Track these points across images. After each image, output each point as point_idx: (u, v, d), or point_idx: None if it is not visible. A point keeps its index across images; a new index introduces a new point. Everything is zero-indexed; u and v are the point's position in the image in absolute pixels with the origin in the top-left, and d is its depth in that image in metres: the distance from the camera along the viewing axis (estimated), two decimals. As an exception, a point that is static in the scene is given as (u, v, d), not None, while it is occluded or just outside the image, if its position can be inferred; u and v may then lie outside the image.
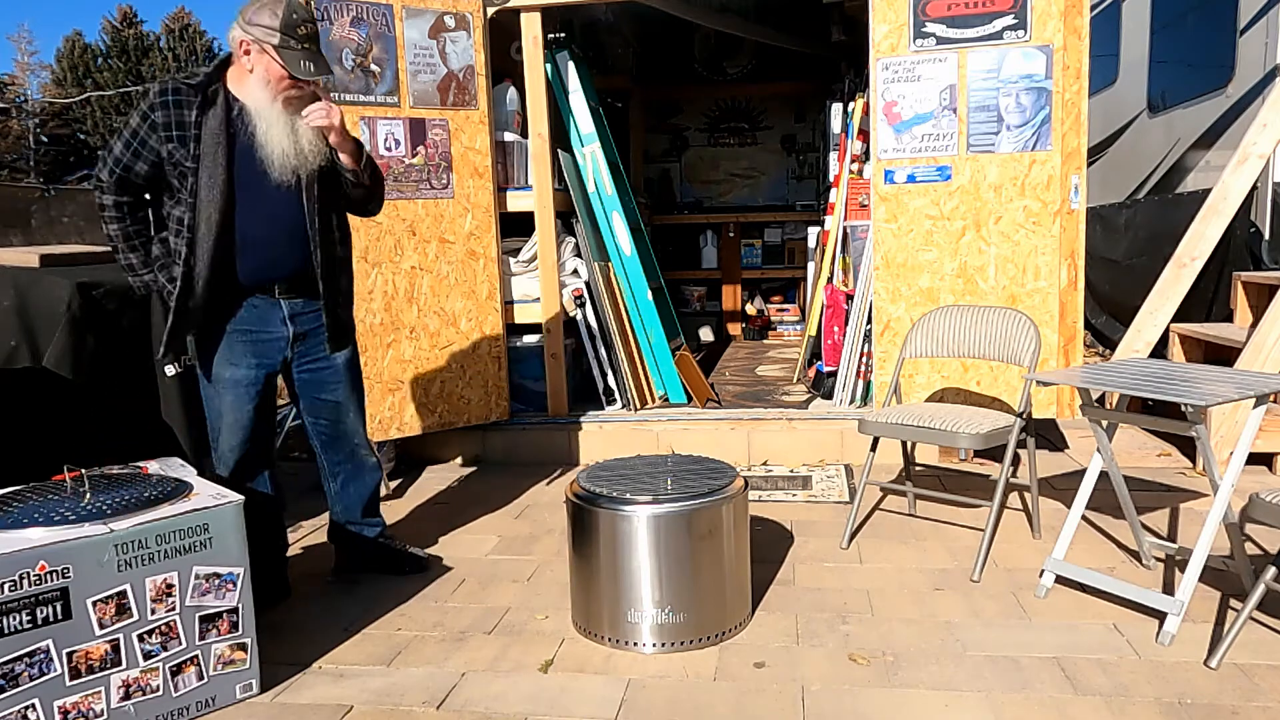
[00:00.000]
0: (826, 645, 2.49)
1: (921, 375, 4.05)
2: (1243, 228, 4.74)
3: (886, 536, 3.31)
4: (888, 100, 3.96)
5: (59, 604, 2.00)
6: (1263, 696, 2.15)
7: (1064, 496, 3.54)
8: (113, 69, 29.30)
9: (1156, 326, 4.60)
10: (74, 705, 2.04)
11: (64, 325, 2.76)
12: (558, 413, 4.57)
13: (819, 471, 4.13)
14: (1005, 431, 3.00)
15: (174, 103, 2.51)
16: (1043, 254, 3.90)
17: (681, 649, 2.47)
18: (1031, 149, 3.87)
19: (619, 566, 2.48)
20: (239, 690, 2.29)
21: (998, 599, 2.74)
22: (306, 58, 2.51)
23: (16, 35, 46.92)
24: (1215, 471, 2.53)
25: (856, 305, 4.42)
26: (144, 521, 2.12)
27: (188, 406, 3.06)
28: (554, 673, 2.40)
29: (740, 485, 2.59)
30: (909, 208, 3.99)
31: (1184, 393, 2.40)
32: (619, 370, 4.62)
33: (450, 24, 4.18)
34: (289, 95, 2.55)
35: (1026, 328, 3.19)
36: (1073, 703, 2.15)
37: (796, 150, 7.83)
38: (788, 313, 7.62)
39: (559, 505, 3.61)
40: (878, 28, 3.94)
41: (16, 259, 3.06)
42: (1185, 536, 3.19)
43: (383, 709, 2.24)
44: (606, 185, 4.82)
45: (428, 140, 4.14)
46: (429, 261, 4.16)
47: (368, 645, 2.58)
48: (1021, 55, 3.83)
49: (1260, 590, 2.29)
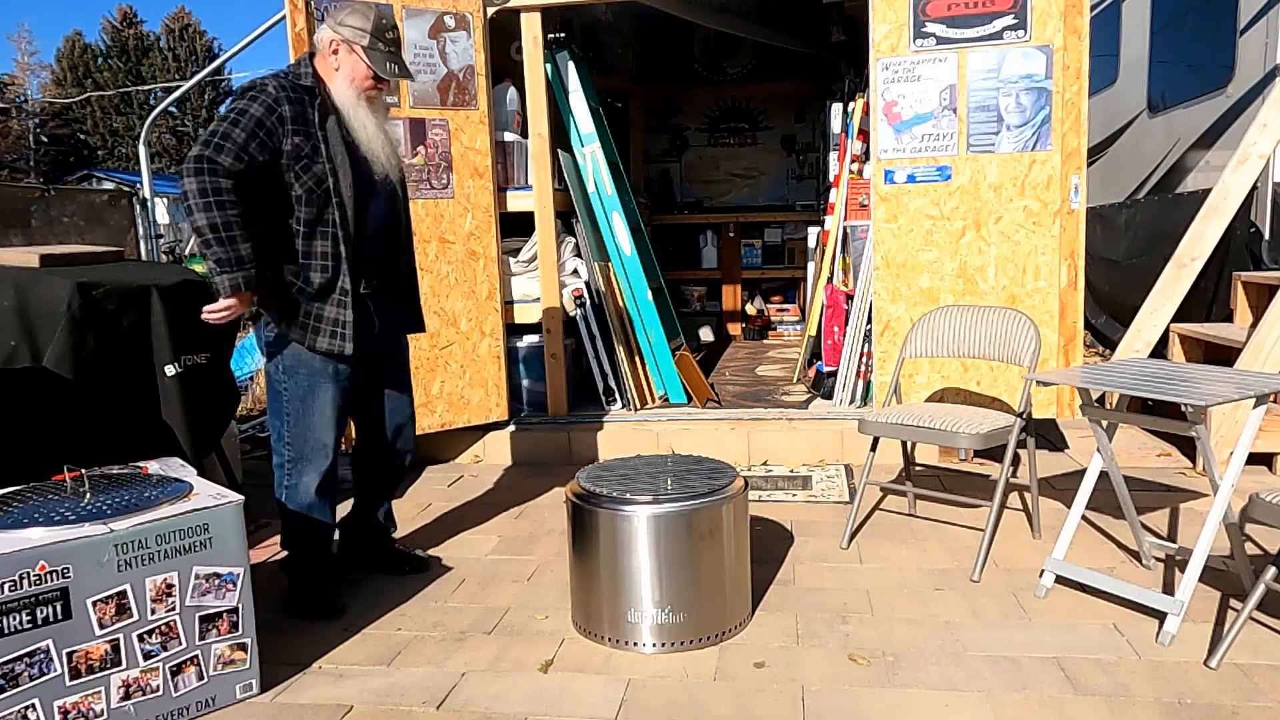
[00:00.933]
0: (826, 645, 2.49)
1: (921, 375, 4.05)
2: (1243, 228, 4.74)
3: (886, 536, 3.31)
4: (888, 100, 3.96)
5: (59, 604, 2.00)
6: (1263, 696, 2.15)
7: (1064, 496, 3.54)
8: (113, 69, 29.31)
9: (1156, 326, 4.60)
10: (74, 705, 2.04)
11: (64, 325, 2.76)
12: (558, 413, 4.57)
13: (819, 471, 4.13)
14: (1005, 431, 3.00)
15: (296, 99, 2.58)
16: (1043, 254, 3.90)
17: (681, 649, 2.47)
18: (1031, 149, 3.87)
19: (619, 566, 2.48)
20: (239, 690, 2.29)
21: (998, 599, 2.74)
22: (391, 60, 2.67)
23: (16, 35, 47.00)
24: (1215, 471, 2.53)
25: (856, 305, 4.42)
26: (144, 521, 2.12)
27: (188, 406, 3.06)
28: (554, 673, 2.40)
29: (740, 485, 2.59)
30: (909, 208, 3.99)
31: (1184, 393, 2.40)
32: (619, 370, 4.62)
33: (450, 24, 4.18)
34: (370, 94, 2.69)
35: (1026, 328, 3.19)
36: (1073, 703, 2.15)
37: (796, 150, 7.83)
38: (788, 313, 7.62)
39: (559, 505, 3.61)
40: (878, 28, 3.93)
41: (16, 259, 3.06)
42: (1185, 536, 3.19)
43: (383, 709, 2.24)
44: (606, 185, 4.82)
45: (428, 140, 4.14)
46: (429, 261, 4.15)
47: (368, 645, 2.58)
48: (1021, 55, 3.83)
49: (1260, 590, 2.29)
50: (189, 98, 28.43)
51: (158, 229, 5.75)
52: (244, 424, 5.25)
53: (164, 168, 27.32)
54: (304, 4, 3.86)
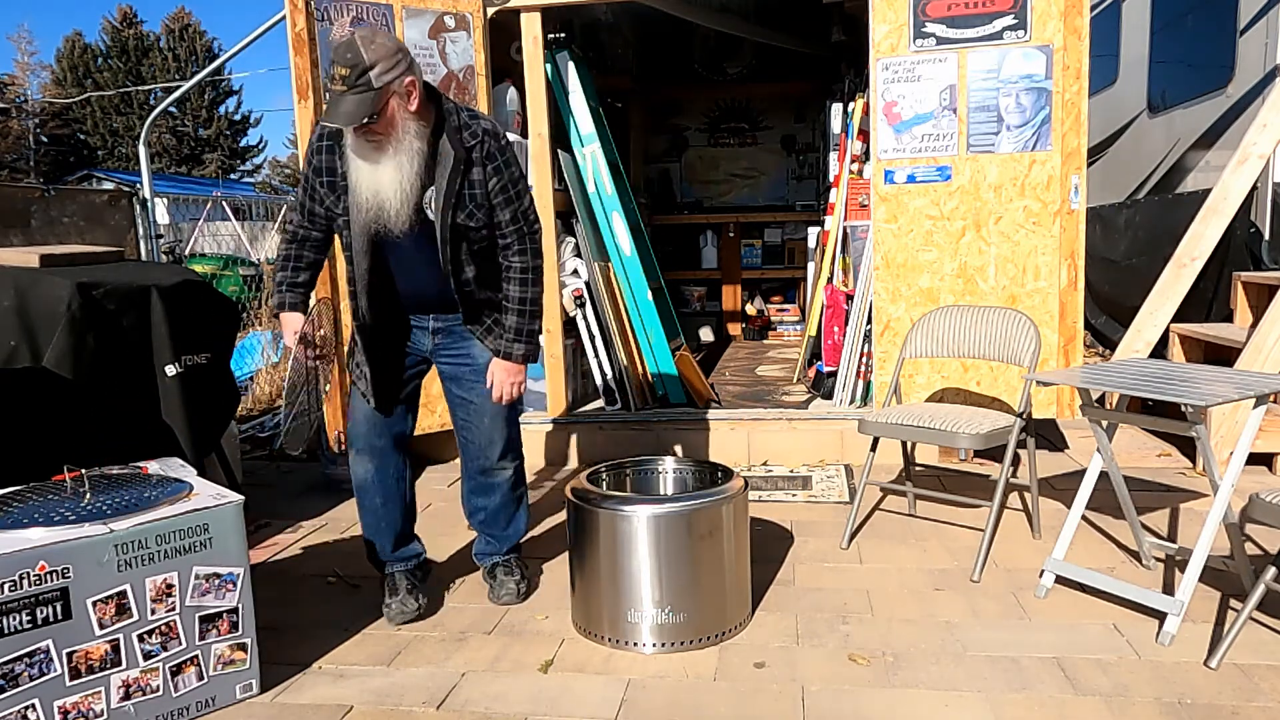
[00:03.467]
0: (826, 645, 2.49)
1: (921, 375, 4.05)
2: (1243, 228, 4.74)
3: (886, 536, 3.31)
4: (888, 100, 3.96)
5: (59, 604, 2.00)
6: (1263, 696, 2.15)
7: (1064, 496, 3.54)
8: (113, 69, 29.30)
9: (1156, 326, 4.60)
10: (74, 705, 2.04)
11: (64, 325, 2.76)
12: (557, 413, 4.57)
13: (819, 471, 4.13)
14: (1005, 431, 3.00)
15: (328, 147, 2.54)
16: (1043, 254, 3.90)
17: (681, 649, 2.47)
18: (1031, 149, 3.87)
19: (619, 566, 2.48)
20: (239, 690, 2.29)
21: (998, 599, 2.74)
22: (330, 102, 2.36)
23: (16, 35, 46.94)
24: (1215, 471, 2.53)
25: (856, 305, 4.42)
26: (144, 521, 2.12)
27: (188, 407, 3.06)
28: (554, 673, 2.40)
29: (740, 485, 2.59)
30: (909, 208, 3.99)
31: (1184, 393, 2.40)
32: (619, 370, 4.62)
33: (450, 24, 4.18)
34: (356, 139, 2.41)
35: (1026, 328, 3.19)
36: (1073, 703, 2.15)
37: (796, 150, 7.82)
38: (788, 313, 7.62)
39: (559, 505, 3.61)
40: (878, 28, 3.93)
41: (16, 259, 3.06)
42: (1185, 536, 3.19)
43: (383, 709, 2.24)
44: (606, 185, 4.82)
45: (428, 140, 4.14)
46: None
47: (368, 645, 2.58)
48: (1021, 55, 3.83)
49: (1260, 590, 2.29)
50: (189, 98, 28.44)
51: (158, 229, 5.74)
52: (244, 424, 5.25)
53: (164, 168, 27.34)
54: (304, 4, 3.86)
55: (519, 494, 2.96)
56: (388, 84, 2.32)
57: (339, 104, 2.31)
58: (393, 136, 2.39)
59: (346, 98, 2.30)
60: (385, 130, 2.37)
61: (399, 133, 2.39)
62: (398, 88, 2.34)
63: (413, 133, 2.41)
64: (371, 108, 2.31)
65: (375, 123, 2.34)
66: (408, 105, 2.38)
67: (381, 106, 2.33)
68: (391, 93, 2.33)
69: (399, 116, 2.38)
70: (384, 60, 2.31)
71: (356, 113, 2.31)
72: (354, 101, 2.30)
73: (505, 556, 2.93)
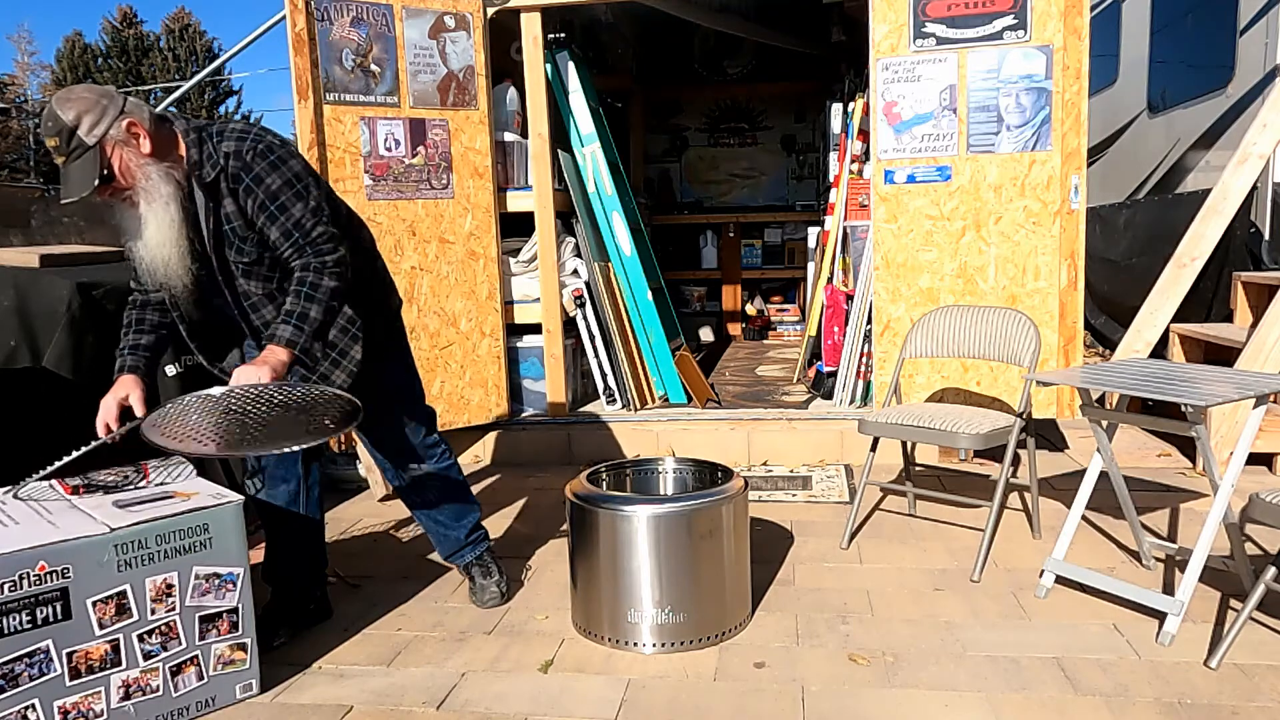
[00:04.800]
0: (826, 645, 2.49)
1: (921, 375, 4.05)
2: (1243, 228, 4.74)
3: (886, 536, 3.31)
4: (888, 100, 3.96)
5: (59, 604, 2.00)
6: (1263, 696, 2.15)
7: (1064, 496, 3.54)
8: (113, 69, 29.29)
9: (1156, 327, 4.59)
10: (74, 705, 2.04)
11: (64, 325, 2.76)
12: (558, 413, 4.57)
13: (819, 471, 4.13)
14: (1005, 431, 3.00)
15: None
16: (1043, 254, 3.90)
17: (681, 649, 2.47)
18: (1031, 149, 3.87)
19: (619, 566, 2.48)
20: (239, 690, 2.29)
21: (998, 599, 2.74)
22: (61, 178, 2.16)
23: (16, 35, 46.90)
24: (1215, 471, 2.53)
25: (856, 305, 4.42)
26: (144, 521, 2.12)
27: (188, 406, 3.05)
28: (554, 673, 2.40)
29: (740, 485, 2.59)
30: (909, 208, 3.99)
31: (1184, 393, 2.40)
32: (619, 370, 4.62)
33: (450, 24, 4.18)
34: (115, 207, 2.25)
35: (1026, 328, 3.19)
36: (1073, 703, 2.15)
37: (796, 150, 7.83)
38: (788, 313, 7.62)
39: (559, 505, 3.61)
40: (878, 28, 3.94)
41: (16, 259, 3.06)
42: (1185, 536, 3.19)
43: (383, 709, 2.24)
44: (606, 185, 4.82)
45: (428, 140, 4.14)
46: (429, 262, 4.16)
47: (368, 645, 2.58)
48: (1021, 55, 3.83)
49: (1260, 590, 2.29)
50: (189, 98, 28.41)
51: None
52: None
53: (164, 168, 27.27)
54: (304, 4, 3.86)
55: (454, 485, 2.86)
56: (103, 136, 2.10)
57: (66, 176, 2.11)
58: (139, 189, 2.17)
59: (69, 167, 2.10)
60: (129, 184, 2.16)
61: (142, 182, 2.17)
62: (117, 135, 2.11)
63: (157, 177, 2.18)
64: (97, 168, 2.10)
65: (112, 181, 2.14)
66: (139, 150, 2.16)
67: (108, 162, 2.12)
68: (112, 142, 2.11)
69: (133, 166, 2.16)
70: (89, 113, 2.09)
71: (86, 178, 2.10)
72: (77, 168, 2.10)
73: (477, 554, 2.89)
